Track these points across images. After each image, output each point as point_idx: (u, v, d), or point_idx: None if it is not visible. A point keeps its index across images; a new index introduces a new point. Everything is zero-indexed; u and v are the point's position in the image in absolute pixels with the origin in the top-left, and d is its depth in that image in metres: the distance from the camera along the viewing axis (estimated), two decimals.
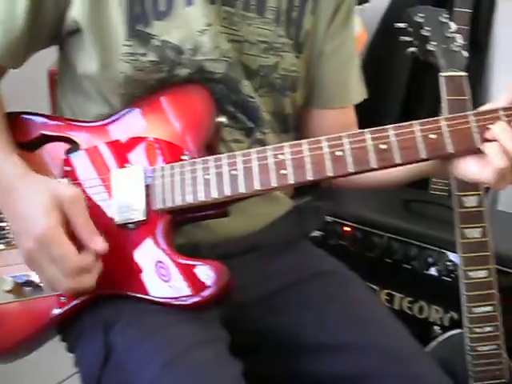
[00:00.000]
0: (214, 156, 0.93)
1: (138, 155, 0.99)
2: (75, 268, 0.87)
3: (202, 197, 0.91)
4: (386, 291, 1.61)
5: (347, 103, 1.21)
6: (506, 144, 0.84)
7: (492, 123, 0.87)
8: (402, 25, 1.42)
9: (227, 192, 0.90)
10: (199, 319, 0.94)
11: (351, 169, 0.87)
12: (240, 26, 1.05)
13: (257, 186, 0.89)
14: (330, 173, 0.88)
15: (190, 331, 0.93)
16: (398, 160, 0.87)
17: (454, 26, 1.38)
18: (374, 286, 1.62)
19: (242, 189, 0.90)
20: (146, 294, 0.93)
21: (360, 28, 2.17)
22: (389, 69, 2.31)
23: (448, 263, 1.52)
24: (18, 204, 0.91)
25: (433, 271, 1.54)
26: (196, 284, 0.90)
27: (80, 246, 0.88)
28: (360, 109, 1.23)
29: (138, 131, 1.01)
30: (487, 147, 0.86)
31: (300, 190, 1.66)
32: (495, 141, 0.85)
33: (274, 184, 0.89)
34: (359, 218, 1.64)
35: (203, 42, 1.01)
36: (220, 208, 0.95)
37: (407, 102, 2.33)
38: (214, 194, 0.91)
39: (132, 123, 1.02)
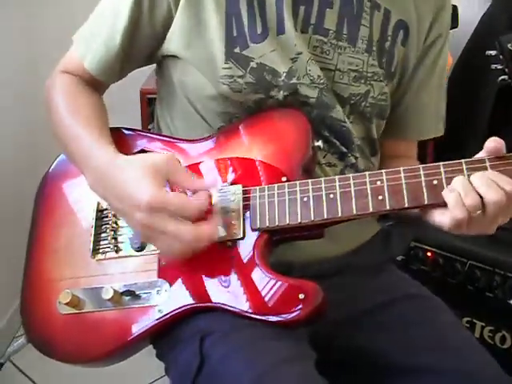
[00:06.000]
0: (312, 179, 0.96)
1: (237, 175, 1.02)
2: (195, 210, 0.90)
3: (300, 218, 0.94)
4: (467, 319, 1.60)
5: (424, 137, 1.26)
6: (463, 198, 0.87)
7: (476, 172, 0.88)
8: (492, 52, 1.43)
9: (325, 215, 0.93)
10: (288, 336, 0.95)
11: None
12: (331, 55, 1.07)
13: (354, 210, 0.92)
14: (425, 201, 0.90)
15: (279, 347, 0.94)
16: None
17: None
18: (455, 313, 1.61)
19: (339, 212, 0.92)
20: (242, 308, 0.94)
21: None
22: (475, 90, 2.29)
23: None
24: (119, 185, 0.93)
25: None
26: (291, 302, 0.91)
27: None
28: (447, 128, 1.24)
29: (237, 151, 1.04)
30: (447, 197, 0.88)
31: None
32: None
33: (371, 209, 0.91)
34: (442, 244, 1.64)
35: (296, 67, 1.04)
36: (317, 229, 0.97)
37: (492, 124, 2.30)
38: (312, 217, 0.93)
39: (232, 143, 1.05)
